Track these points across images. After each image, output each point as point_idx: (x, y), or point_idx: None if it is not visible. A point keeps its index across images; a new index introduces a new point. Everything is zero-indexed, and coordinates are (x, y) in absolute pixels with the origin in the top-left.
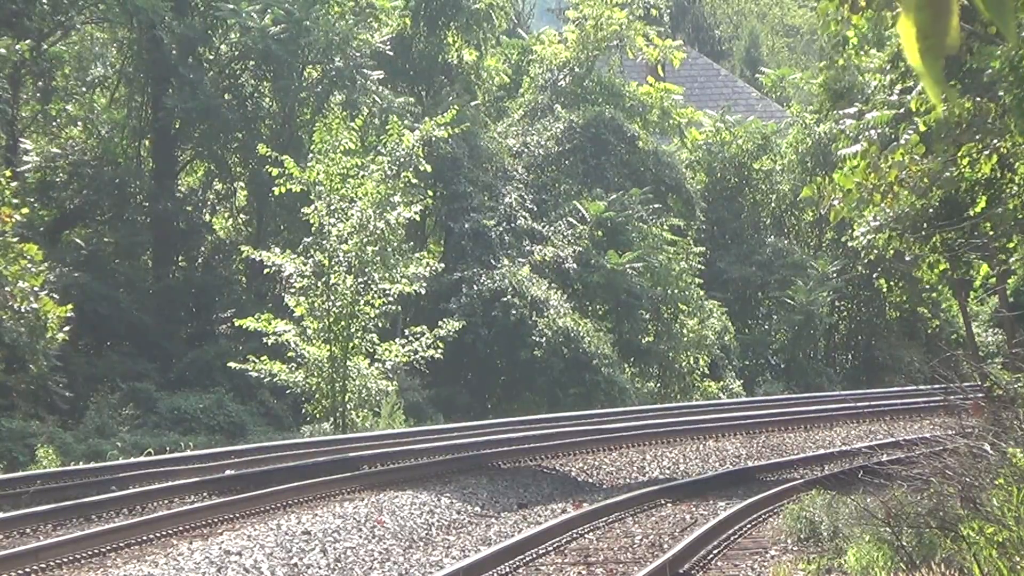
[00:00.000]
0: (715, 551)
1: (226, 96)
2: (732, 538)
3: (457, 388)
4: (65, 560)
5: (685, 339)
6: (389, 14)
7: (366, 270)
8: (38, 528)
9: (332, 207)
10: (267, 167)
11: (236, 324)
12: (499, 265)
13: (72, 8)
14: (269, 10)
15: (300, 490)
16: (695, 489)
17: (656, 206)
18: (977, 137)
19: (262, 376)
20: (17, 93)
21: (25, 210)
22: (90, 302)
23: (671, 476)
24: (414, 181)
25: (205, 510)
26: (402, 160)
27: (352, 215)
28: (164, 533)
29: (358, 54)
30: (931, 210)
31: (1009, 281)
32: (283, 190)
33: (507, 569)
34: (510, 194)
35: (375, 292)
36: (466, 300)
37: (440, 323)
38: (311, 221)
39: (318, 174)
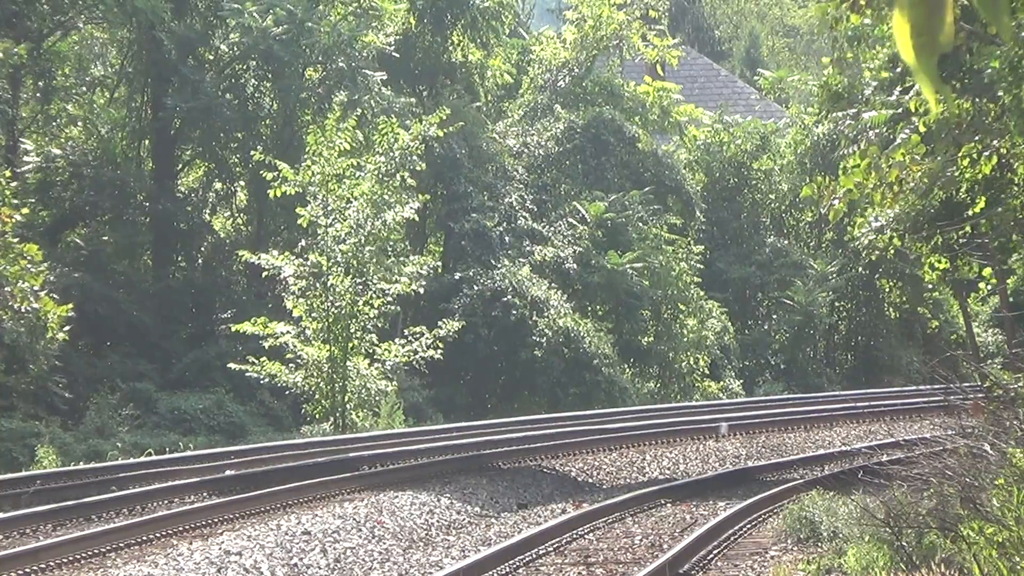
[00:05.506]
0: (715, 551)
1: (227, 96)
2: (732, 538)
3: (457, 388)
4: (65, 560)
5: (685, 339)
6: (392, 16)
7: (364, 270)
8: (38, 528)
9: (329, 208)
10: (262, 171)
11: (234, 330)
12: (499, 265)
13: (72, 8)
14: (271, 11)
15: (300, 490)
16: (695, 489)
17: (656, 207)
18: (977, 137)
19: (262, 377)
20: (17, 93)
21: (25, 210)
22: (90, 302)
23: (671, 476)
24: (410, 181)
25: (205, 510)
26: (397, 160)
27: (349, 216)
28: (164, 533)
29: (360, 55)
30: (931, 210)
31: (1009, 281)
32: (278, 193)
33: (507, 569)
34: (510, 194)
35: (374, 292)
36: (466, 300)
37: (440, 323)
38: (304, 223)
39: (313, 175)
